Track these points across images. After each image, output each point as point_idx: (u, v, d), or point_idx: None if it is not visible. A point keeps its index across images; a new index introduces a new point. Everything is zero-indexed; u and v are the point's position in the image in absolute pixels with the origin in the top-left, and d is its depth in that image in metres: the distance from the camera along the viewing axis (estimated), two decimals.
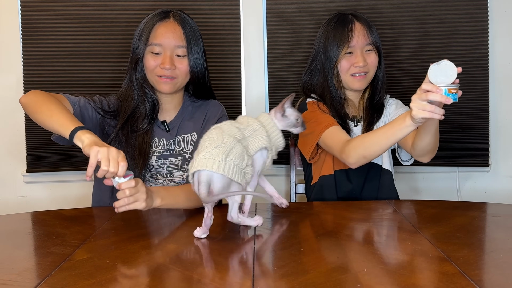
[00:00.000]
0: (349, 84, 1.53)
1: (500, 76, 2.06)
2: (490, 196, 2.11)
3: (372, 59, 1.52)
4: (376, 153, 1.31)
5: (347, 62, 1.50)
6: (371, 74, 1.53)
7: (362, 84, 1.53)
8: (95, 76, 2.02)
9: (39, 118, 1.21)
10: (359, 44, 1.49)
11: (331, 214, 1.25)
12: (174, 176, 1.43)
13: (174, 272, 0.85)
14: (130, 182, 1.05)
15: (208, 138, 1.03)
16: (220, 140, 1.01)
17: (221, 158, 0.97)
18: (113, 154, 1.03)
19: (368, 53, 1.51)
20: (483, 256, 0.91)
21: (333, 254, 0.92)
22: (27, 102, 1.24)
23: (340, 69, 1.52)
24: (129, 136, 1.38)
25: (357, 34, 1.49)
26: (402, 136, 1.21)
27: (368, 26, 1.52)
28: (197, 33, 1.40)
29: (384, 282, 0.78)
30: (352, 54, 1.50)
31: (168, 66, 1.34)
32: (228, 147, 1.00)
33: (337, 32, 1.50)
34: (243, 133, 1.07)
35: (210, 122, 1.47)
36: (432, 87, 1.07)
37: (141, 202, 1.07)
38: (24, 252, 0.99)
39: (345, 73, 1.52)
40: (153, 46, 1.35)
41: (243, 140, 1.05)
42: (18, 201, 2.11)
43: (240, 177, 1.00)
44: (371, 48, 1.51)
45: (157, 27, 1.36)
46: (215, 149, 0.99)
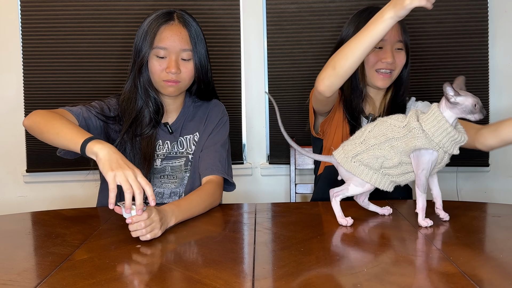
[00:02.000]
0: (372, 80, 1.48)
1: (500, 76, 2.06)
2: (490, 196, 2.11)
3: (401, 59, 1.47)
4: (347, 62, 1.18)
5: (374, 56, 1.45)
6: (396, 73, 1.48)
7: (385, 83, 1.47)
8: (95, 76, 2.02)
9: (46, 138, 1.19)
10: (391, 39, 1.44)
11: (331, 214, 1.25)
12: (178, 177, 1.43)
13: (174, 272, 0.85)
14: (143, 215, 1.01)
15: (359, 131, 1.13)
16: (360, 139, 1.11)
17: (349, 155, 1.10)
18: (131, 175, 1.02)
19: (398, 51, 1.46)
20: (483, 256, 0.91)
21: (333, 254, 0.92)
22: (31, 125, 1.22)
23: (366, 62, 1.46)
24: (134, 140, 1.36)
25: (391, 29, 1.35)
26: (380, 34, 1.14)
27: (402, 25, 1.47)
28: (201, 35, 1.39)
29: (384, 282, 0.78)
30: (381, 49, 1.45)
31: (174, 70, 1.32)
32: (362, 148, 1.10)
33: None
34: (398, 133, 1.07)
35: (212, 122, 1.46)
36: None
37: (157, 231, 1.04)
38: (24, 252, 0.98)
39: (371, 68, 1.47)
40: (158, 50, 1.33)
41: (394, 140, 1.08)
42: (18, 201, 2.11)
43: (369, 176, 1.09)
44: (401, 46, 1.47)
45: (162, 30, 1.33)
46: (350, 145, 1.12)
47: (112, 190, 1.00)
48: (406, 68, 1.51)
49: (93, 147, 1.07)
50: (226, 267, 0.86)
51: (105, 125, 1.37)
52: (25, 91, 2.03)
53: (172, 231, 1.10)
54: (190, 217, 1.20)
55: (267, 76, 2.07)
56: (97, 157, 1.06)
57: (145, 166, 1.35)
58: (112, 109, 1.40)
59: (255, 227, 1.12)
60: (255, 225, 1.14)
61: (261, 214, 1.24)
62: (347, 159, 1.11)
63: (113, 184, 1.01)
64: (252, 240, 1.03)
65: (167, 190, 1.43)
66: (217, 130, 1.46)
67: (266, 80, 2.07)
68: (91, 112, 1.34)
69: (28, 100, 2.03)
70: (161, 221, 1.06)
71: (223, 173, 1.38)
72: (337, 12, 2.00)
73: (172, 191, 1.43)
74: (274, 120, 2.08)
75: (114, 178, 1.01)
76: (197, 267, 0.87)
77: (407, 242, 1.00)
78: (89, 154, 1.08)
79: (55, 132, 1.16)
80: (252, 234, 1.07)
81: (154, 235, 1.03)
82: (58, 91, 2.02)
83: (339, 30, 2.00)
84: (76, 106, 1.34)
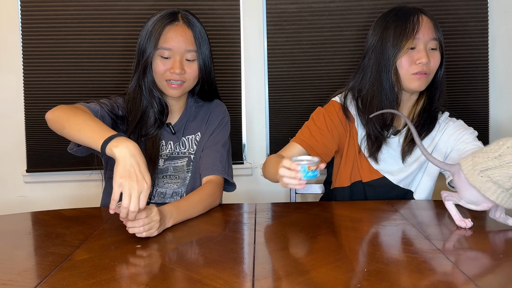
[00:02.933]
0: (408, 83, 1.34)
1: (500, 76, 2.06)
2: None
3: (436, 59, 1.34)
4: (273, 180, 1.33)
5: (409, 58, 1.32)
6: (431, 76, 1.36)
7: (422, 84, 1.34)
8: (95, 76, 2.02)
9: (67, 133, 1.17)
10: (425, 37, 1.32)
11: (331, 214, 1.25)
12: (180, 177, 1.43)
13: (174, 272, 0.85)
14: (141, 214, 1.02)
15: (495, 144, 1.01)
16: (494, 153, 0.99)
17: (478, 168, 0.99)
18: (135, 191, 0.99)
19: (432, 51, 1.34)
20: (483, 256, 0.91)
21: (333, 254, 0.92)
22: (54, 119, 1.20)
23: (400, 65, 1.33)
24: (139, 141, 1.36)
25: (424, 26, 1.32)
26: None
27: (435, 22, 1.35)
28: (205, 35, 1.38)
29: (384, 282, 0.78)
30: (414, 50, 1.33)
31: (178, 71, 1.32)
32: (494, 164, 0.98)
33: (399, 23, 1.32)
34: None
35: (213, 122, 1.47)
36: (290, 164, 1.05)
37: (154, 231, 1.05)
38: (24, 252, 0.98)
39: (406, 71, 1.33)
40: (162, 50, 1.33)
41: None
42: (18, 201, 2.11)
43: (496, 195, 0.99)
44: (435, 45, 1.34)
45: (167, 30, 1.33)
46: (482, 158, 1.00)
47: (114, 197, 0.99)
48: (441, 69, 1.39)
49: (113, 148, 1.04)
50: (226, 267, 0.86)
51: (113, 124, 1.37)
52: (25, 91, 2.03)
53: (172, 231, 1.10)
54: (190, 217, 1.20)
55: (267, 76, 2.07)
56: (116, 159, 1.03)
57: (150, 167, 1.35)
58: (120, 107, 1.40)
59: (255, 227, 1.12)
60: (255, 225, 1.14)
61: (261, 214, 1.24)
62: (474, 172, 1.00)
63: (117, 191, 0.99)
64: (252, 240, 1.03)
65: (169, 190, 1.43)
66: (218, 130, 1.47)
67: (266, 80, 2.07)
68: (104, 109, 1.34)
69: (28, 100, 2.03)
70: (160, 221, 1.06)
71: (223, 173, 1.38)
72: (337, 12, 2.00)
73: (174, 191, 1.43)
74: (274, 120, 2.08)
75: (119, 186, 0.99)
76: (197, 267, 0.87)
77: (407, 242, 1.00)
78: (109, 154, 1.05)
79: (77, 128, 1.14)
80: (252, 234, 1.07)
81: (149, 234, 1.04)
82: (58, 91, 2.02)
83: (339, 30, 2.01)
84: (91, 103, 1.33)
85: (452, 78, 2.03)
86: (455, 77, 2.03)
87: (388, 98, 1.36)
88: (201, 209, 1.24)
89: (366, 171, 1.43)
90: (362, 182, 1.44)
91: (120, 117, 1.38)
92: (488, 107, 2.04)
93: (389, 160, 1.43)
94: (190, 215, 1.20)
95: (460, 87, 2.03)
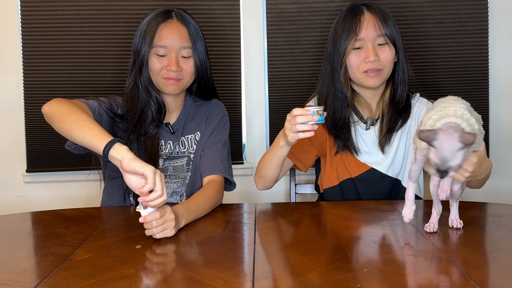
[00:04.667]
0: (362, 82, 1.37)
1: (500, 76, 2.06)
2: (490, 196, 2.11)
3: (386, 54, 1.35)
4: (268, 173, 1.40)
5: (356, 58, 1.35)
6: (386, 71, 1.37)
7: (376, 81, 1.36)
8: (95, 76, 2.02)
9: (65, 128, 1.14)
10: (369, 36, 1.34)
11: (331, 214, 1.25)
12: (180, 177, 1.43)
13: (174, 272, 0.85)
14: (155, 214, 1.02)
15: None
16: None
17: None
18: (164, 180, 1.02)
19: (381, 47, 1.35)
20: (483, 256, 0.91)
21: (333, 254, 0.92)
22: (52, 112, 1.17)
23: (349, 65, 1.37)
24: (139, 140, 1.36)
25: (366, 25, 1.34)
26: (282, 156, 1.33)
27: (382, 17, 1.36)
28: (199, 33, 1.39)
29: (384, 282, 0.78)
30: (361, 49, 1.35)
31: (174, 68, 1.32)
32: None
33: (346, 24, 1.36)
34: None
35: (213, 122, 1.47)
36: (302, 110, 1.18)
37: (170, 231, 1.04)
38: (24, 252, 0.98)
39: (356, 70, 1.37)
40: (158, 48, 1.33)
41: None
42: (18, 201, 2.11)
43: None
44: (383, 41, 1.35)
45: (161, 28, 1.33)
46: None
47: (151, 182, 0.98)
48: (399, 63, 1.40)
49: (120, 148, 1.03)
50: (226, 267, 0.86)
51: (112, 122, 1.36)
52: (25, 91, 2.03)
53: None
54: (197, 217, 1.20)
55: (267, 76, 2.07)
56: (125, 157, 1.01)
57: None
58: (119, 106, 1.40)
59: (255, 227, 1.12)
60: (255, 225, 1.14)
61: (261, 214, 1.24)
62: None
63: (153, 179, 0.99)
64: (252, 240, 1.03)
65: (169, 189, 1.43)
66: (218, 129, 1.47)
67: (266, 80, 2.07)
68: (101, 107, 1.33)
69: (28, 100, 2.03)
70: (175, 220, 1.06)
71: (224, 172, 1.38)
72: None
73: (174, 190, 1.43)
74: (274, 120, 2.07)
75: (154, 173, 0.99)
76: (197, 267, 0.87)
77: (407, 242, 1.00)
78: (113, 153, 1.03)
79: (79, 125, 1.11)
80: (252, 234, 1.07)
81: (166, 234, 1.03)
82: (58, 91, 2.02)
83: None
84: (90, 100, 1.33)
85: (452, 78, 2.03)
86: (455, 77, 2.03)
87: (339, 99, 1.41)
88: (207, 209, 1.25)
89: (354, 166, 1.45)
90: (352, 178, 1.45)
91: (119, 115, 1.38)
92: (488, 107, 2.04)
93: (373, 151, 1.45)
94: (198, 215, 1.20)
95: (460, 87, 2.03)
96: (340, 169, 1.46)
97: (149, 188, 0.98)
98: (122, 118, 1.38)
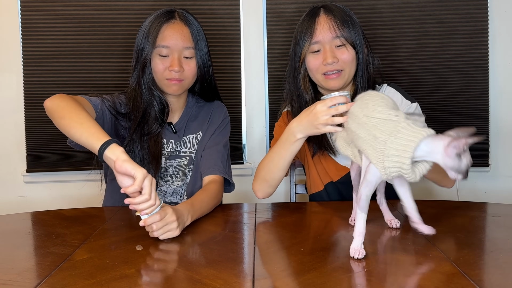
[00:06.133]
0: (323, 84, 1.36)
1: (500, 76, 2.06)
2: (490, 196, 2.11)
3: (345, 55, 1.32)
4: (277, 175, 1.30)
5: (314, 60, 1.34)
6: (347, 71, 1.35)
7: (337, 82, 1.34)
8: (95, 76, 2.02)
9: (64, 125, 1.13)
10: (325, 38, 1.32)
11: (331, 214, 1.25)
12: (181, 176, 1.43)
13: (174, 272, 0.85)
14: (155, 216, 1.01)
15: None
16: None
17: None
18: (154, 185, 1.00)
19: (339, 48, 1.33)
20: (483, 256, 0.91)
21: (333, 254, 0.92)
22: (53, 108, 1.17)
23: (309, 68, 1.36)
24: (142, 139, 1.36)
25: (320, 28, 1.32)
26: (295, 151, 1.24)
27: (340, 18, 1.33)
28: (202, 33, 1.39)
29: (384, 282, 0.78)
30: (319, 52, 1.34)
31: (177, 69, 1.32)
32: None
33: (304, 27, 1.35)
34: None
35: (215, 122, 1.47)
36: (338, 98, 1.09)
37: (173, 232, 1.04)
38: (24, 252, 0.98)
39: (316, 73, 1.35)
40: (160, 49, 1.33)
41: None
42: (18, 201, 2.11)
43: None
44: (341, 42, 1.32)
45: (164, 28, 1.33)
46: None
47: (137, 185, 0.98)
48: (360, 63, 1.36)
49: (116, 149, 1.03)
50: (226, 267, 0.86)
51: (114, 120, 1.36)
52: (25, 91, 2.03)
53: None
54: (201, 216, 1.20)
55: (267, 76, 2.07)
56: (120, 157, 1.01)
57: (153, 165, 1.35)
58: (123, 105, 1.40)
59: (255, 227, 1.12)
60: (255, 225, 1.14)
61: (261, 214, 1.24)
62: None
63: (141, 182, 0.98)
64: (252, 240, 1.03)
65: (170, 189, 1.43)
66: (220, 130, 1.47)
67: (266, 80, 2.07)
68: (104, 104, 1.33)
69: (28, 100, 2.03)
70: (178, 221, 1.05)
71: (224, 173, 1.38)
72: None
73: (174, 190, 1.43)
74: (274, 120, 2.07)
75: (144, 176, 0.98)
76: (197, 267, 0.87)
77: (407, 242, 1.00)
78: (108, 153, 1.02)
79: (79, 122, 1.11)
80: (252, 234, 1.07)
81: (170, 235, 1.03)
82: (58, 91, 1.99)
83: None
84: (93, 97, 1.32)
85: (452, 78, 2.03)
86: (455, 77, 2.03)
87: (302, 102, 1.39)
88: (209, 209, 1.25)
89: (334, 170, 1.44)
90: (334, 182, 1.45)
91: (122, 114, 1.38)
92: (488, 107, 2.04)
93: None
94: (202, 214, 1.21)
95: (460, 87, 2.03)
96: (322, 173, 1.46)
97: (134, 189, 0.98)
98: (125, 117, 1.38)
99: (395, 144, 0.84)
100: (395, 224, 1.10)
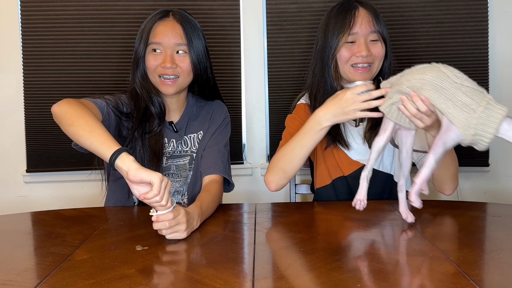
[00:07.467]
0: (350, 76, 1.37)
1: (500, 76, 2.06)
2: (490, 196, 2.11)
3: (378, 50, 1.36)
4: (296, 165, 1.30)
5: (347, 51, 1.35)
6: (376, 66, 1.38)
7: (365, 77, 1.36)
8: (95, 76, 2.02)
9: (73, 132, 1.12)
10: (363, 31, 1.34)
11: (331, 214, 1.25)
12: (182, 176, 1.43)
13: (174, 272, 0.85)
14: (168, 214, 1.01)
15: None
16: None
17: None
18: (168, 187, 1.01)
19: (373, 43, 1.36)
20: (483, 256, 0.91)
21: (333, 254, 0.92)
22: (61, 113, 1.15)
23: (339, 58, 1.37)
24: (143, 138, 1.36)
25: (360, 20, 1.34)
26: (318, 140, 1.26)
27: (375, 14, 1.37)
28: (198, 31, 1.38)
29: (384, 282, 0.78)
30: (354, 44, 1.35)
31: (169, 65, 1.33)
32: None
33: (339, 18, 1.36)
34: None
35: (216, 122, 1.47)
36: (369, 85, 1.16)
37: (181, 233, 1.03)
38: (24, 252, 0.98)
39: (345, 64, 1.36)
40: (153, 45, 1.34)
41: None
42: (18, 201, 2.11)
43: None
44: (376, 37, 1.36)
45: (156, 26, 1.35)
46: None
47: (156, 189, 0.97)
48: (387, 60, 1.41)
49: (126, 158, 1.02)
50: (226, 267, 0.86)
51: (118, 121, 1.36)
52: (25, 91, 2.03)
53: None
54: (206, 217, 1.21)
55: (267, 76, 2.07)
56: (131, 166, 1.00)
57: (154, 164, 1.36)
58: (124, 104, 1.40)
59: (255, 227, 1.12)
60: (255, 225, 1.14)
61: (261, 214, 1.24)
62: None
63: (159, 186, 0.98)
64: (252, 240, 1.03)
65: (172, 188, 1.43)
66: (220, 130, 1.47)
67: (266, 80, 2.07)
68: (109, 106, 1.33)
69: (28, 100, 2.03)
70: (187, 223, 1.05)
71: (224, 173, 1.38)
72: None
73: (176, 189, 1.43)
74: (274, 120, 2.08)
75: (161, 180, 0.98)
76: (197, 267, 0.87)
77: (407, 242, 1.00)
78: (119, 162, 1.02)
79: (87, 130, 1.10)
80: (252, 234, 1.07)
81: (176, 237, 1.03)
82: (58, 91, 2.02)
83: None
84: (97, 99, 1.32)
85: None
86: None
87: (329, 93, 1.37)
88: (214, 209, 1.26)
89: (346, 164, 1.44)
90: (345, 176, 1.44)
91: (125, 114, 1.38)
92: None
93: (363, 149, 1.44)
94: (208, 215, 1.21)
95: None
96: (332, 167, 1.46)
97: (153, 195, 0.97)
98: (127, 116, 1.39)
99: (485, 114, 0.94)
100: (410, 219, 1.09)
